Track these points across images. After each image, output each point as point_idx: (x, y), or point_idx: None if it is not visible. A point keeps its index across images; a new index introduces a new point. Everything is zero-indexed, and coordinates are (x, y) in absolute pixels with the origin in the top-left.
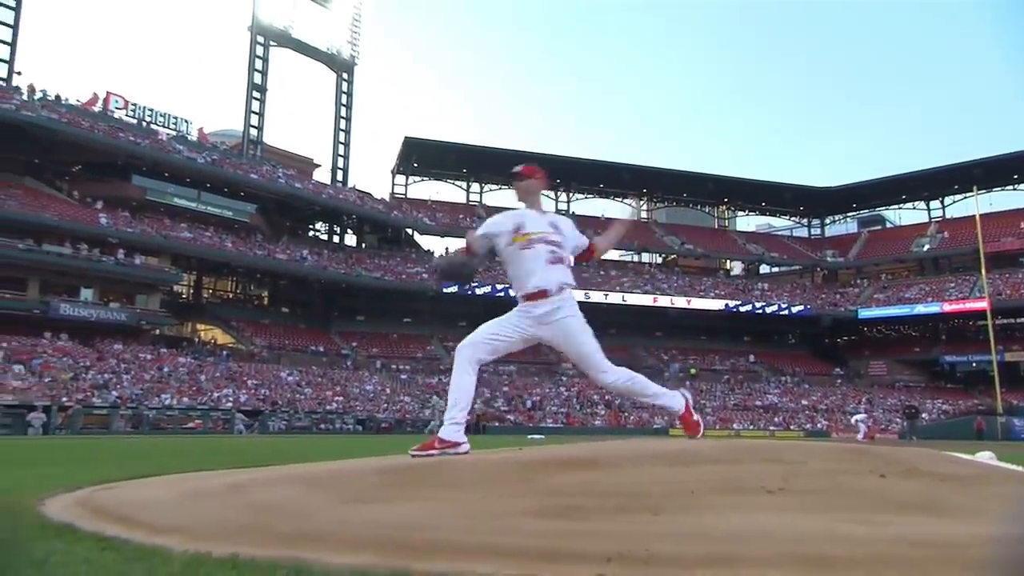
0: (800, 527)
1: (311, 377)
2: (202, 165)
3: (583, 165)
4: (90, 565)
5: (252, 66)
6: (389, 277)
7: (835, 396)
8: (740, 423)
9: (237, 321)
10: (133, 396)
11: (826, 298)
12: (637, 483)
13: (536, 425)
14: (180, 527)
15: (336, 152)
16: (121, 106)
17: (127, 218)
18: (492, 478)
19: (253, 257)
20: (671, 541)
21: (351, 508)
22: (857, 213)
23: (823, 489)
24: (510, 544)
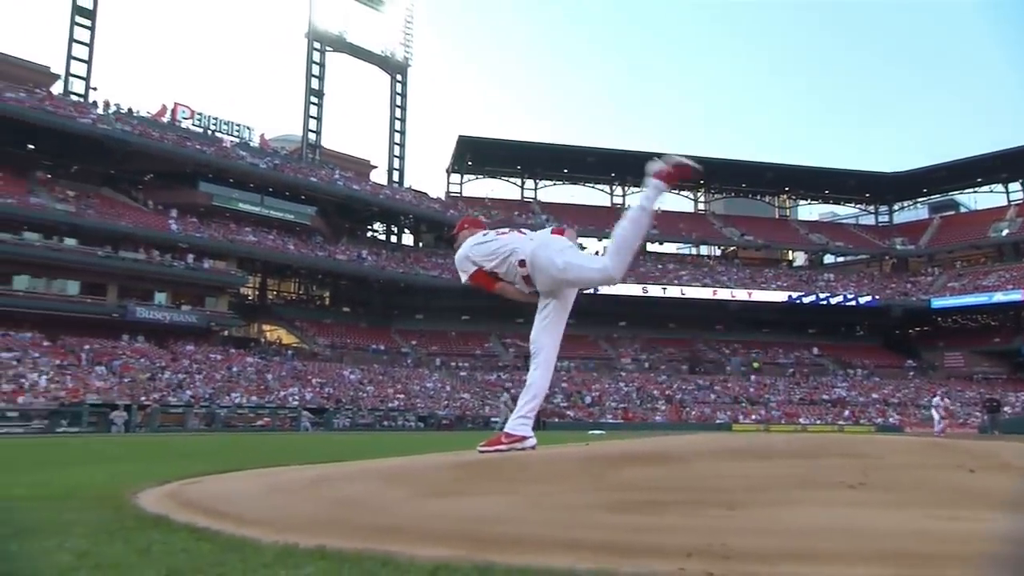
0: (886, 522)
1: (373, 375)
2: (264, 170)
3: (636, 157)
4: (188, 554)
5: (309, 72)
6: (447, 275)
7: (908, 389)
8: (807, 418)
9: (300, 321)
10: (205, 395)
11: (896, 287)
12: (710, 477)
13: (595, 421)
14: (266, 519)
15: (392, 153)
16: (188, 116)
17: (195, 223)
18: (564, 473)
19: (315, 258)
20: (750, 536)
21: (429, 502)
22: (928, 198)
23: (907, 484)
24: (587, 538)
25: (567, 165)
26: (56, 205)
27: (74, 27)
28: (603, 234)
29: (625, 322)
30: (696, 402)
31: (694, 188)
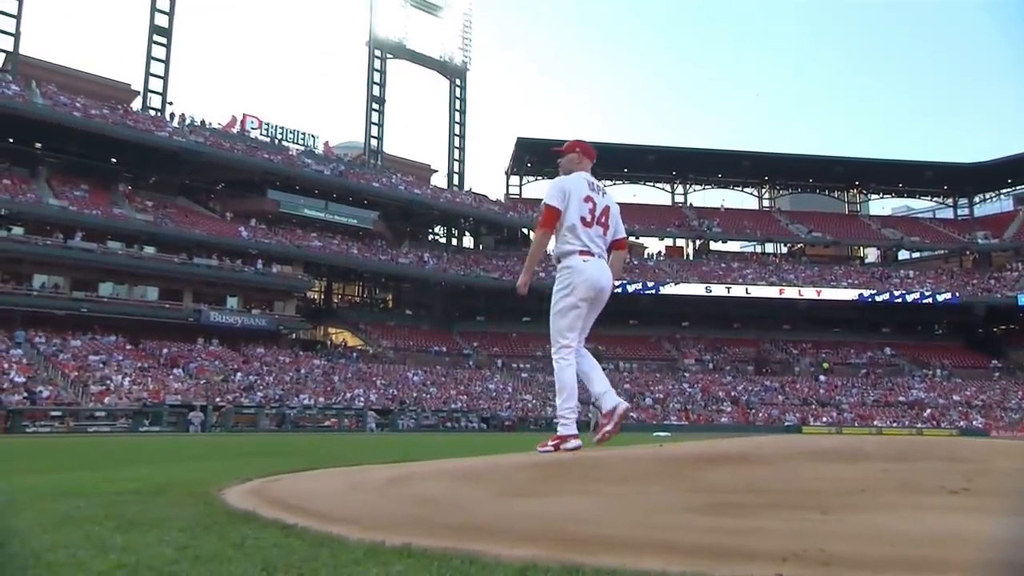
0: (998, 531)
1: (435, 377)
2: (328, 177)
3: (699, 155)
4: (280, 549)
5: (370, 79)
6: (507, 277)
7: (993, 391)
8: (882, 420)
9: (365, 324)
10: (275, 396)
11: (978, 283)
12: (797, 480)
13: (659, 423)
14: (350, 517)
15: (451, 156)
16: (256, 126)
17: (264, 230)
18: (644, 473)
19: (378, 262)
20: (848, 541)
21: (509, 501)
22: (1013, 189)
23: (1016, 490)
24: (676, 540)
25: (627, 164)
26: (136, 215)
27: (151, 45)
28: (664, 233)
29: (688, 322)
30: (763, 404)
31: (758, 184)
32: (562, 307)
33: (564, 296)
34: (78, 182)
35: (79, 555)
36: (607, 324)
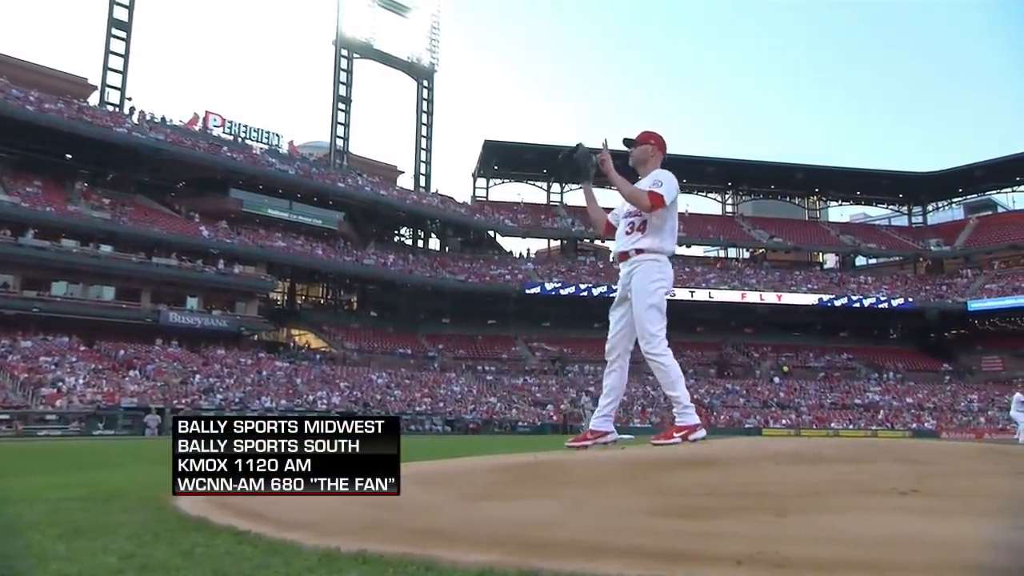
0: (948, 532)
1: (400, 379)
2: (293, 177)
3: (666, 161)
4: (231, 557)
5: (337, 79)
6: (473, 279)
7: (944, 394)
8: (838, 422)
9: (328, 326)
10: (236, 399)
11: (931, 290)
12: (758, 483)
13: (623, 425)
14: (307, 522)
15: (418, 158)
16: (219, 124)
17: (226, 230)
18: (609, 477)
19: (342, 264)
20: (804, 544)
21: (471, 505)
22: (964, 198)
23: (964, 491)
24: (636, 544)
25: None
26: (93, 213)
27: (110, 39)
28: None
29: None
30: (724, 406)
31: (722, 190)
32: (657, 301)
33: (659, 287)
34: (31, 178)
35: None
36: (572, 327)
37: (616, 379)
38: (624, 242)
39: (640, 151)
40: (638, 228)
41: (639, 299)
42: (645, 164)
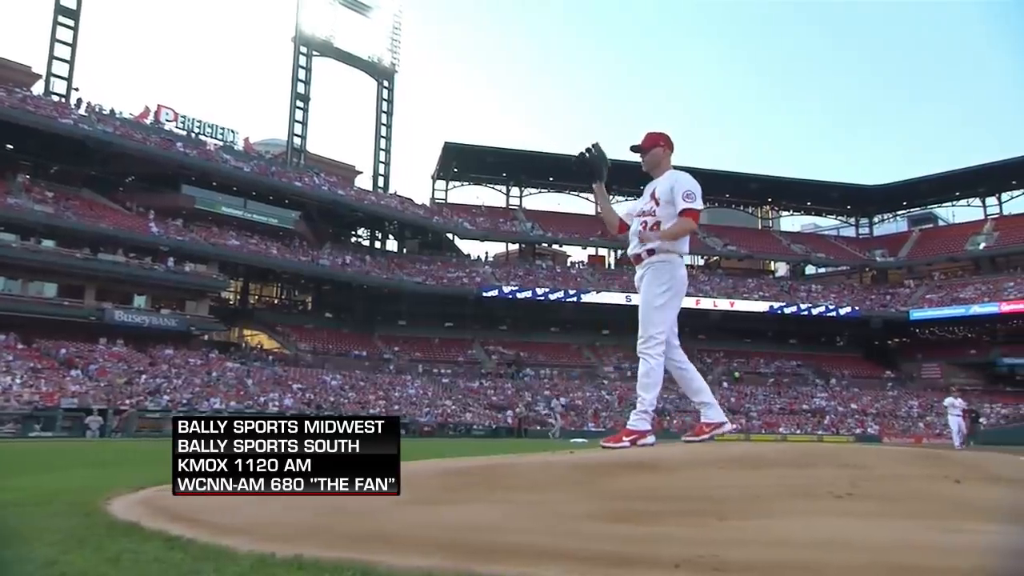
0: (879, 534)
1: (354, 381)
2: (248, 174)
3: (622, 166)
4: (160, 564)
5: (295, 76)
6: (430, 281)
7: (886, 400)
8: (786, 427)
9: (282, 326)
10: (184, 400)
11: (876, 299)
12: (700, 487)
13: (578, 429)
14: (244, 527)
15: (377, 159)
16: (171, 118)
17: (177, 227)
18: (554, 481)
19: (298, 263)
20: (741, 547)
21: (415, 509)
22: (908, 211)
23: (896, 495)
24: (576, 548)
25: (552, 173)
26: (34, 206)
27: (56, 27)
28: (587, 242)
29: (608, 330)
30: (677, 411)
31: None
32: (664, 302)
33: (668, 291)
34: None
35: None
36: (530, 331)
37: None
38: (638, 244)
39: (652, 156)
40: (651, 229)
41: (645, 299)
42: (659, 166)
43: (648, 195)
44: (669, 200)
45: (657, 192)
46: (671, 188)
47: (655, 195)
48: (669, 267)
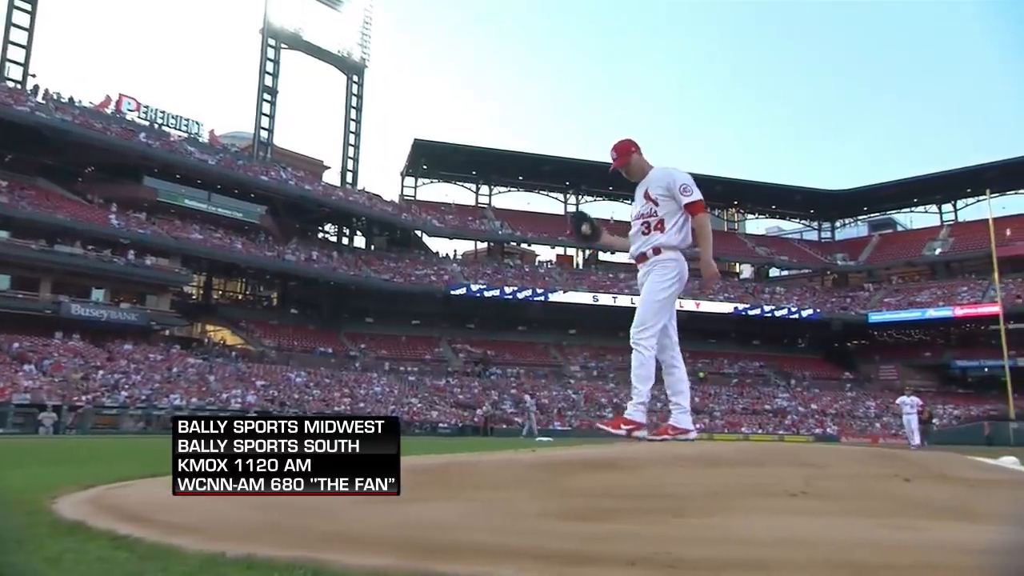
0: (831, 532)
1: (319, 378)
2: (213, 167)
3: (591, 167)
4: (103, 563)
5: (263, 68)
6: (398, 279)
7: (845, 400)
8: (749, 427)
9: (246, 322)
10: (143, 396)
11: (836, 302)
12: (658, 485)
13: (544, 428)
14: (195, 526)
15: (346, 154)
16: (133, 108)
17: (138, 219)
18: (512, 479)
19: (263, 258)
20: (695, 544)
21: (371, 507)
22: (868, 216)
23: (848, 493)
24: (532, 546)
25: (522, 172)
26: None
27: (12, 11)
28: (556, 242)
29: (575, 330)
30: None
31: None
32: (667, 296)
33: (671, 285)
34: None
35: None
36: (497, 330)
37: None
38: (641, 243)
39: (633, 165)
40: (655, 227)
41: (649, 291)
42: (642, 170)
43: (641, 196)
44: (668, 196)
45: (651, 192)
46: (667, 185)
47: (649, 195)
48: (676, 263)
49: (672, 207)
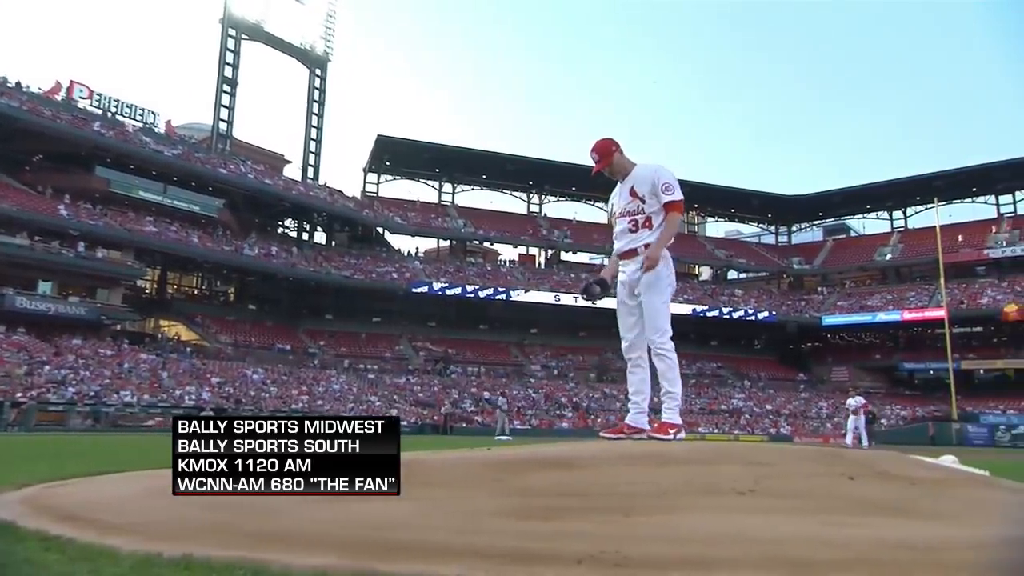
0: (775, 529)
1: (277, 375)
2: (169, 158)
3: (555, 167)
4: (31, 566)
5: (223, 59)
6: (359, 276)
7: (799, 401)
8: (706, 427)
9: (202, 317)
10: (91, 393)
11: (792, 304)
12: (609, 484)
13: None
14: (134, 526)
15: (307, 148)
16: (86, 96)
17: (89, 210)
18: (464, 477)
19: (220, 253)
20: (643, 543)
21: (320, 506)
22: (823, 221)
23: (794, 491)
24: (480, 545)
25: (486, 171)
26: None
27: None
28: (518, 241)
29: (536, 329)
30: (602, 410)
31: (608, 200)
32: (668, 297)
33: (670, 286)
34: None
35: None
36: (458, 328)
37: (643, 375)
38: (630, 239)
39: (615, 164)
40: (643, 225)
41: (654, 296)
42: (625, 167)
43: (627, 193)
44: (654, 193)
45: (637, 189)
46: (652, 182)
47: (636, 192)
48: (666, 264)
49: (659, 205)
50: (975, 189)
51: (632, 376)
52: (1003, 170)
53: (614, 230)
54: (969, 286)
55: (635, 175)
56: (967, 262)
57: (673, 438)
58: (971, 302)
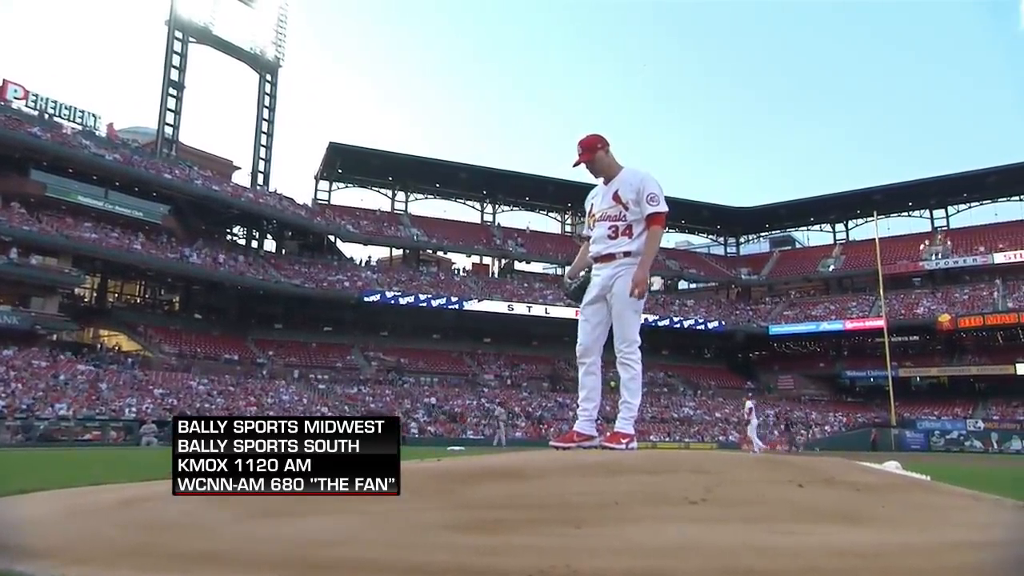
0: (725, 539)
1: (223, 386)
2: (110, 162)
3: (509, 177)
4: None
5: (169, 62)
6: (309, 284)
7: (746, 409)
8: (657, 435)
9: (145, 327)
10: (23, 405)
11: (740, 314)
12: (560, 495)
13: (456, 437)
14: (58, 548)
15: (257, 155)
16: (20, 96)
17: (23, 215)
18: (411, 490)
19: (164, 260)
20: (594, 555)
21: (257, 523)
22: (770, 233)
23: (745, 499)
24: (427, 561)
25: (439, 179)
26: None
27: None
28: (471, 250)
29: (489, 338)
30: (555, 419)
31: (562, 210)
32: (639, 308)
33: (642, 299)
34: None
35: None
36: (411, 338)
37: (595, 381)
38: (609, 245)
39: (598, 161)
40: (623, 232)
41: (625, 304)
42: (610, 168)
43: (609, 197)
44: (638, 202)
45: (621, 194)
46: (638, 190)
47: (619, 197)
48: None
49: (641, 214)
50: (911, 203)
51: (585, 380)
52: (936, 185)
53: (592, 232)
54: (906, 297)
55: (621, 179)
56: (904, 274)
57: (625, 448)
58: (908, 312)
